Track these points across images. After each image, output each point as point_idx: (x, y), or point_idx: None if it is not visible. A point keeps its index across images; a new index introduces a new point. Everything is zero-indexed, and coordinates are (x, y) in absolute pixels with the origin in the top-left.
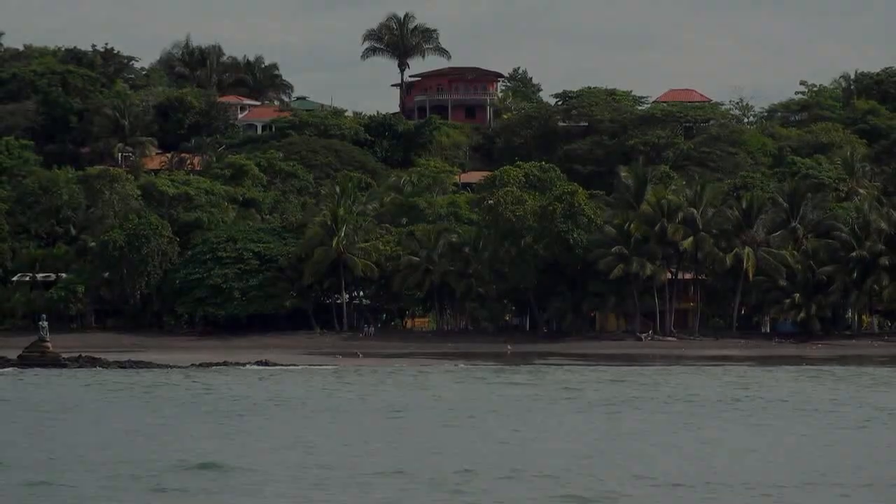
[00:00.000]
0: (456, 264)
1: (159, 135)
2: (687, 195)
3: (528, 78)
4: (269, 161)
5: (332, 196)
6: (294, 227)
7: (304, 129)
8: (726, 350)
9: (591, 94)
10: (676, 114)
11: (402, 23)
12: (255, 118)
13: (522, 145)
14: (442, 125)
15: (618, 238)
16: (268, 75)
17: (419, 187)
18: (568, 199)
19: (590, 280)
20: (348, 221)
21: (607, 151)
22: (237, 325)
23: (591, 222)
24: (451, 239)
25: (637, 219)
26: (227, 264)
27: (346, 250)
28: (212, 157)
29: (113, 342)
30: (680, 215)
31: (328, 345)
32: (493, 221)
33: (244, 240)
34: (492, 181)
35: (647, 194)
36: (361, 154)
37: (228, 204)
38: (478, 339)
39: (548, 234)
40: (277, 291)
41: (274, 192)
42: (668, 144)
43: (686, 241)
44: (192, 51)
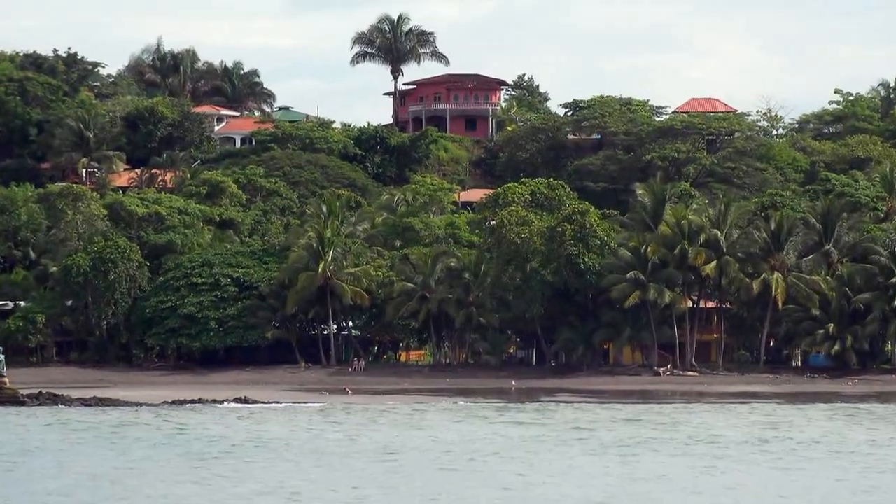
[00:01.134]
0: (455, 291)
1: (127, 149)
2: (710, 215)
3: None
4: (249, 177)
5: (318, 216)
6: (276, 250)
7: (288, 142)
8: (753, 386)
9: (604, 104)
10: (698, 125)
11: (396, 25)
12: (234, 130)
13: (528, 160)
14: (439, 138)
15: (633, 262)
16: (247, 83)
17: (414, 206)
18: (578, 219)
19: (602, 309)
20: (336, 244)
21: (622, 167)
22: (213, 359)
23: (604, 245)
24: (449, 263)
25: (655, 241)
26: (203, 291)
27: (334, 276)
28: (185, 174)
29: (76, 377)
30: (702, 237)
31: (314, 380)
32: (496, 244)
33: (221, 264)
34: (494, 200)
35: (666, 214)
36: (351, 170)
37: (204, 225)
38: (479, 374)
39: (556, 258)
40: (258, 321)
41: (254, 211)
42: (689, 159)
43: (709, 266)
44: (164, 56)
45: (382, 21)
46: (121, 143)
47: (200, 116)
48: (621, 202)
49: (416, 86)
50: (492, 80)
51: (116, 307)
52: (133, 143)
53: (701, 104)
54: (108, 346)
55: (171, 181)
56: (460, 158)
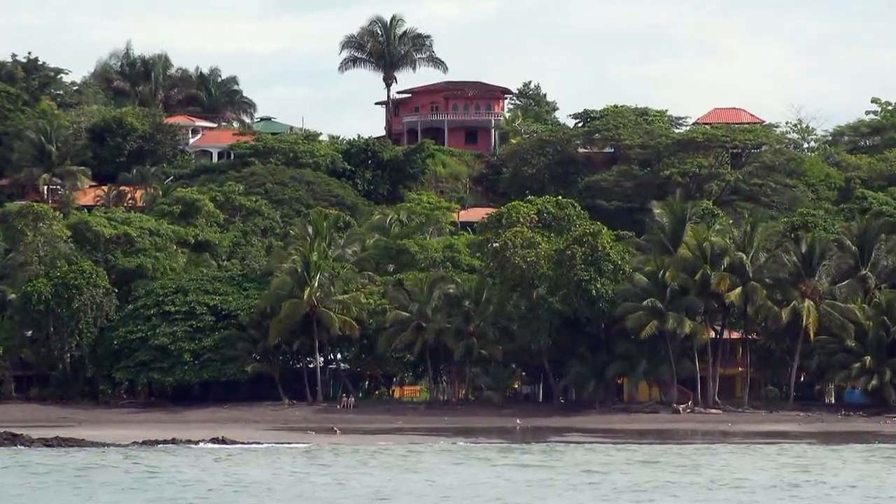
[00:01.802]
0: (454, 321)
1: (93, 163)
2: (734, 237)
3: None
4: (227, 195)
5: (303, 238)
6: (257, 275)
7: (270, 156)
8: (782, 425)
9: (618, 114)
10: (721, 138)
11: (389, 27)
12: (210, 143)
13: (534, 176)
14: (437, 152)
15: (650, 289)
16: (225, 91)
17: (409, 227)
18: (590, 241)
19: (616, 340)
20: (323, 269)
21: (637, 183)
22: (188, 395)
23: (618, 270)
24: (447, 290)
25: (674, 265)
26: (176, 321)
27: (321, 304)
28: (157, 191)
29: (37, 415)
30: (726, 261)
31: (299, 419)
32: (500, 269)
33: (196, 291)
34: (497, 220)
35: (686, 236)
36: (339, 187)
37: (177, 247)
38: (480, 412)
39: (565, 284)
40: (237, 354)
41: (233, 232)
42: (712, 175)
43: (733, 293)
44: (134, 61)
45: (374, 23)
46: (86, 157)
47: (173, 128)
48: (637, 222)
49: (412, 94)
50: (494, 87)
51: (81, 338)
52: (99, 157)
53: (725, 114)
54: (72, 380)
55: (141, 199)
56: (460, 174)
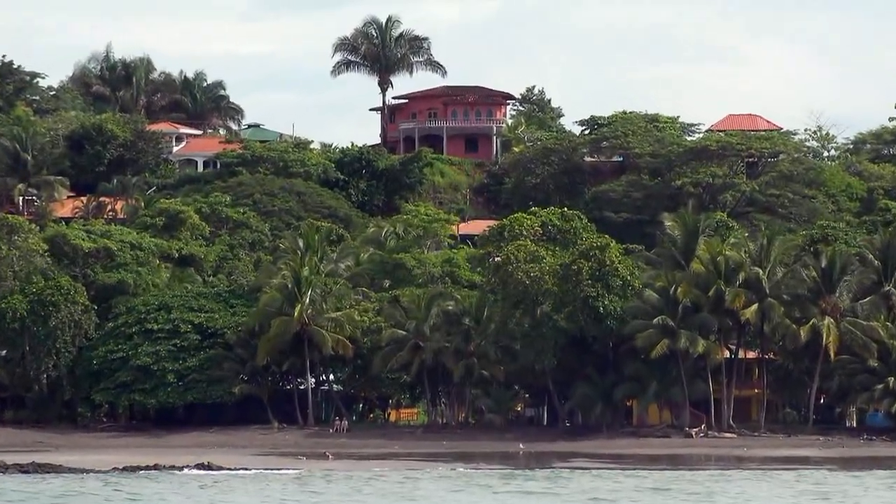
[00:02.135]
0: (453, 340)
1: (71, 173)
2: (750, 251)
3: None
4: (213, 207)
5: (293, 252)
6: (245, 291)
7: (258, 165)
8: (800, 450)
9: (627, 121)
10: (736, 146)
11: (384, 29)
12: (195, 151)
13: (539, 186)
14: (435, 160)
15: (661, 306)
16: (211, 96)
17: (406, 241)
18: (597, 255)
19: (625, 360)
20: (315, 284)
21: (647, 194)
22: (172, 418)
23: (627, 285)
24: (446, 307)
25: (686, 281)
26: (159, 340)
27: (312, 321)
28: (139, 202)
29: (12, 440)
30: (741, 276)
31: (289, 443)
32: (502, 285)
33: (180, 308)
34: (499, 233)
35: (699, 249)
36: (332, 198)
37: (160, 262)
38: (481, 436)
39: (571, 300)
40: (223, 374)
41: (219, 246)
42: (726, 185)
43: (749, 310)
44: (114, 65)
45: (368, 24)
46: (63, 166)
47: (156, 135)
48: (647, 235)
49: (408, 100)
50: (496, 93)
51: (58, 358)
52: (78, 166)
53: (740, 121)
54: (49, 403)
55: (122, 211)
56: (459, 184)
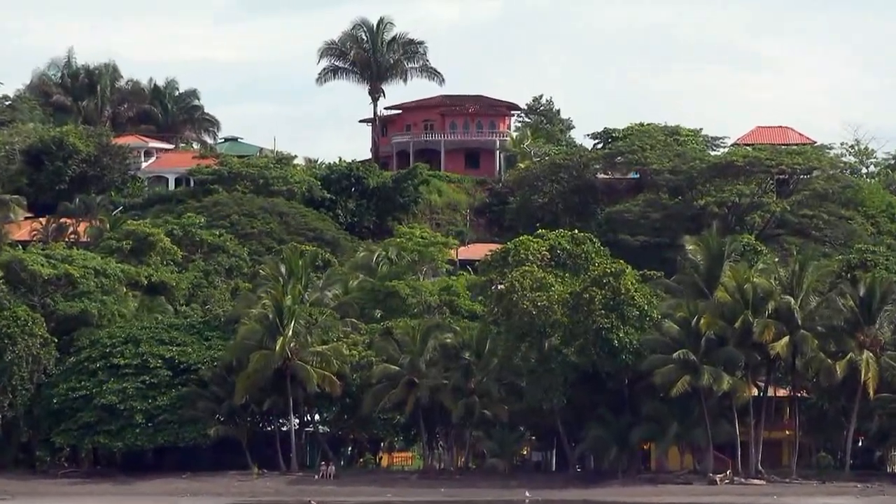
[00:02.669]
0: (452, 376)
1: (29, 191)
2: (781, 277)
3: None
4: (186, 229)
5: (275, 279)
6: (221, 322)
7: (236, 183)
8: (836, 497)
9: (644, 134)
10: (765, 161)
11: (376, 32)
12: (166, 167)
13: (546, 206)
14: (432, 177)
15: (682, 338)
16: (183, 107)
17: (399, 266)
18: (611, 282)
19: (642, 398)
20: (299, 315)
21: (667, 215)
22: (140, 463)
23: (644, 316)
24: (444, 340)
25: (709, 311)
26: (126, 376)
27: (296, 356)
28: (104, 224)
29: None
30: (771, 306)
31: (269, 490)
32: (505, 315)
33: (150, 341)
34: (503, 258)
35: (724, 276)
36: (317, 219)
37: (127, 290)
38: (482, 483)
39: (582, 332)
40: (197, 414)
41: (192, 272)
42: (754, 205)
43: (779, 344)
44: (76, 72)
45: (358, 27)
46: (20, 184)
47: (123, 150)
48: (666, 260)
49: (402, 110)
50: (499, 102)
51: (15, 396)
52: (36, 184)
53: (769, 134)
54: (5, 446)
55: (85, 234)
56: (458, 204)
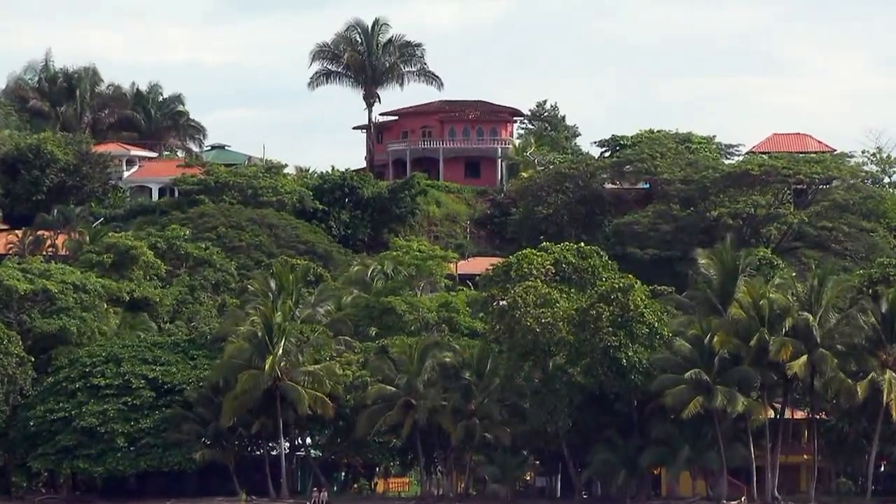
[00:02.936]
0: (451, 397)
1: (5, 202)
2: (798, 293)
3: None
4: (170, 241)
5: (264, 294)
6: (207, 340)
7: (223, 193)
8: None
9: (654, 142)
10: (782, 170)
11: (371, 34)
12: (150, 177)
13: (551, 218)
14: (430, 187)
15: (694, 357)
16: (168, 112)
17: (396, 281)
18: (619, 298)
19: (652, 421)
20: (289, 333)
21: (678, 227)
22: (122, 488)
23: (654, 334)
24: (443, 359)
25: (723, 328)
26: (107, 397)
27: (286, 376)
28: (84, 236)
29: None
30: (788, 323)
31: None
32: (508, 333)
33: (132, 360)
34: (505, 272)
35: (739, 292)
36: (309, 231)
37: (108, 306)
38: None
39: (589, 351)
40: (182, 438)
41: (177, 288)
42: (770, 216)
43: (797, 363)
44: (55, 75)
45: (352, 28)
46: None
47: (104, 158)
48: (678, 275)
49: (399, 116)
50: (501, 108)
51: None
52: (12, 194)
53: (787, 141)
54: None
55: (63, 247)
56: (458, 216)
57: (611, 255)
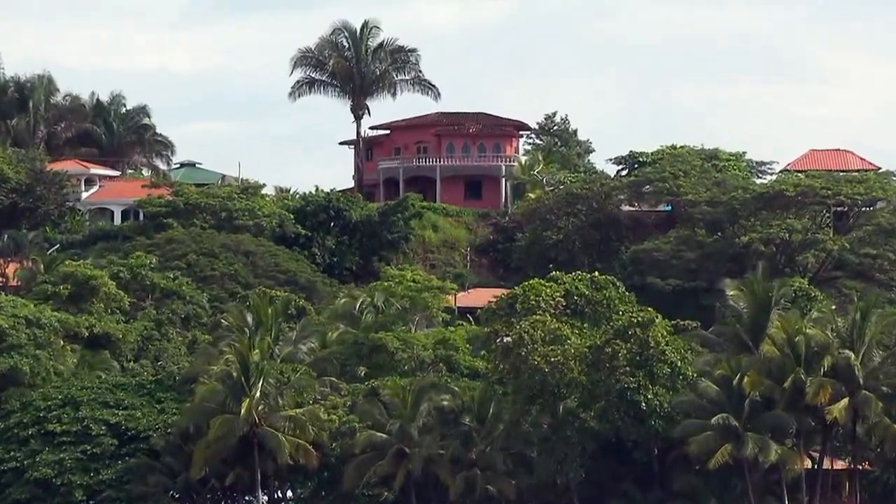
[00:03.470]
0: (449, 445)
1: None
2: (839, 328)
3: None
4: (135, 271)
5: (240, 330)
6: (176, 381)
7: (194, 216)
8: None
9: (677, 158)
10: (821, 191)
11: (359, 37)
12: (111, 198)
13: (561, 244)
14: (426, 210)
15: (722, 401)
16: (132, 126)
17: (387, 315)
18: (638, 334)
19: (674, 471)
20: (268, 373)
21: (704, 254)
22: None
23: (677, 374)
24: (440, 402)
25: (754, 368)
26: (64, 445)
27: (265, 421)
28: (37, 264)
29: None
30: (827, 362)
31: None
32: (513, 373)
33: (92, 404)
34: (509, 305)
35: (772, 327)
36: (290, 259)
37: (66, 343)
38: None
39: (604, 393)
40: (148, 490)
41: (142, 322)
42: (808, 243)
43: (837, 407)
44: (4, 84)
45: (338, 32)
46: None
47: (60, 177)
48: (703, 308)
49: (391, 130)
50: (505, 121)
51: None
52: None
53: (825, 158)
54: None
55: (15, 276)
56: (457, 241)
57: (628, 285)
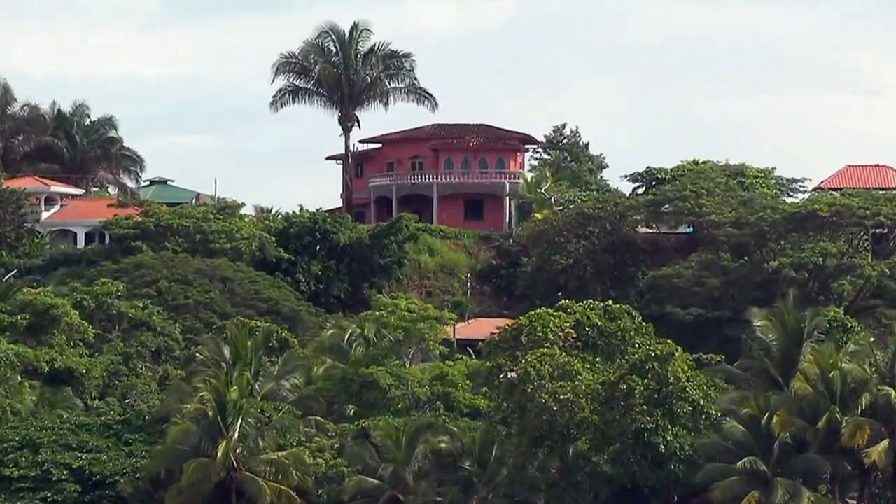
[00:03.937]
0: (448, 491)
1: None
2: (878, 363)
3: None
4: (100, 299)
5: (216, 364)
6: (146, 421)
7: (165, 239)
8: None
9: (699, 175)
10: (858, 210)
11: (348, 41)
12: (74, 219)
13: (571, 270)
14: (421, 232)
15: (749, 442)
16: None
17: (379, 348)
18: (656, 369)
19: None
20: (247, 412)
21: (729, 281)
22: None
23: (700, 413)
24: (437, 445)
25: (785, 406)
26: (22, 491)
27: (243, 465)
28: None
29: None
30: (864, 400)
31: None
32: (517, 412)
33: (52, 446)
34: (514, 337)
35: (804, 361)
36: (272, 286)
37: (23, 378)
38: None
39: (618, 435)
40: None
41: (108, 356)
42: (843, 268)
43: (876, 449)
44: None
45: (325, 35)
46: None
47: (17, 195)
48: (728, 340)
49: (383, 144)
50: (509, 133)
51: None
52: None
53: (863, 175)
54: None
55: None
56: (456, 266)
57: (645, 315)
